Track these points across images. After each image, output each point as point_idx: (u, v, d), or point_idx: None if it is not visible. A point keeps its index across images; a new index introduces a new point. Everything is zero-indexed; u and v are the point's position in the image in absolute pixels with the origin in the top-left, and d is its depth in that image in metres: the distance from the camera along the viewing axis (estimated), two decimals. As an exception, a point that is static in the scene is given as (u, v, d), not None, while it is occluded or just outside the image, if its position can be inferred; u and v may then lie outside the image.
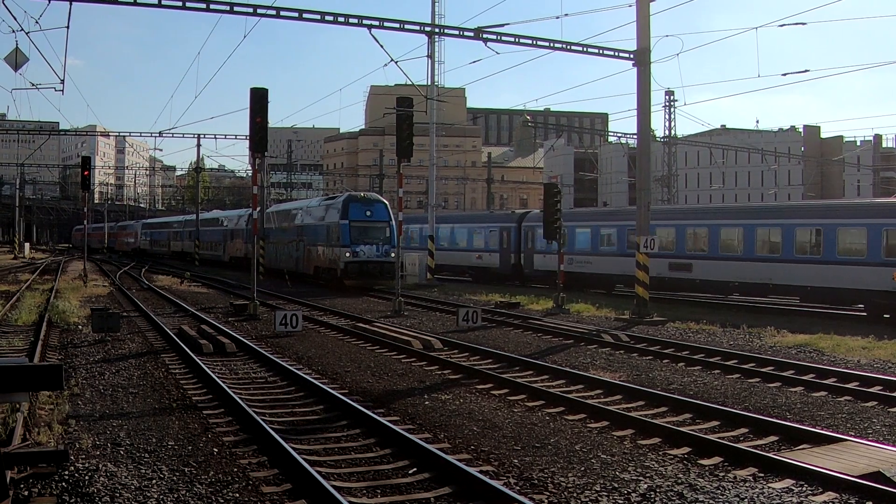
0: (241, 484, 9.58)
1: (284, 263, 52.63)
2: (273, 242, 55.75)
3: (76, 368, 17.51)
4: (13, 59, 26.88)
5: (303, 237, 50.39)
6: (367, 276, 42.87)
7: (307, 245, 49.27)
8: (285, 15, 27.57)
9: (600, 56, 30.52)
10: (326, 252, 45.50)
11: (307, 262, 49.05)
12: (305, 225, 50.40)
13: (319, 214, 48.21)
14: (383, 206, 45.20)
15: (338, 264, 43.51)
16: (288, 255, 53.15)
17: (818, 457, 10.73)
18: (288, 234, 53.76)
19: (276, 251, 55.30)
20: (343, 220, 43.49)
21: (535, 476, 10.05)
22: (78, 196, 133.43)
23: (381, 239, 43.47)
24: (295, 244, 51.87)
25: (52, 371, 7.87)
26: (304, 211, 52.05)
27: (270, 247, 55.45)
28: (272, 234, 56.15)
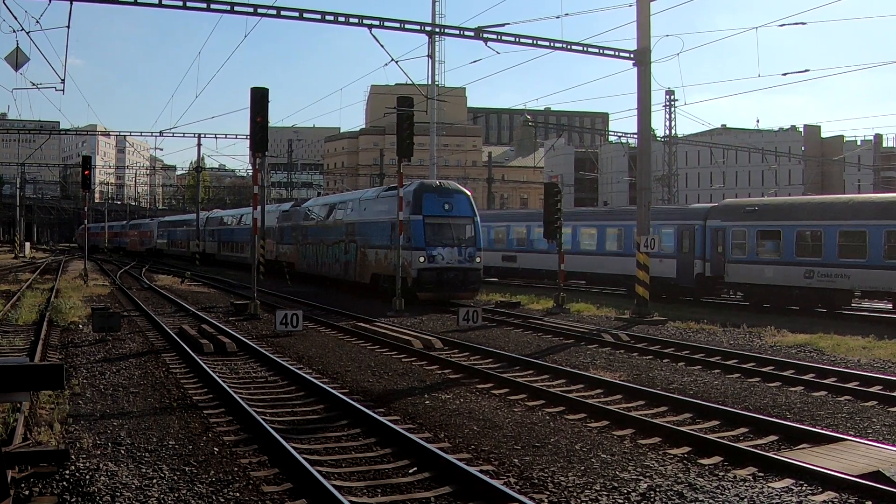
0: (242, 483, 9.59)
1: (327, 269, 44.64)
2: (310, 243, 48.02)
3: (77, 368, 17.52)
4: (14, 58, 26.88)
5: (354, 237, 40.71)
6: (446, 287, 34.50)
7: (361, 247, 39.65)
8: (286, 15, 27.56)
9: (601, 56, 30.52)
10: (391, 256, 35.05)
11: (361, 268, 39.73)
12: (359, 222, 40.49)
13: (379, 208, 38.48)
14: (465, 197, 36.18)
15: (408, 272, 34.24)
16: (332, 259, 43.77)
17: (818, 456, 10.74)
18: (332, 233, 44.18)
19: (316, 254, 46.73)
20: (415, 216, 34.72)
21: (535, 475, 10.06)
22: (79, 195, 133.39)
23: (464, 239, 35.12)
24: (343, 246, 42.32)
25: (53, 370, 7.88)
26: (357, 204, 42.04)
27: (307, 249, 48.56)
28: (310, 233, 48.20)
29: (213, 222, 77.31)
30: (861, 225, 30.65)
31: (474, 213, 35.85)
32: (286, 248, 53.32)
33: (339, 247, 42.72)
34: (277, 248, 54.69)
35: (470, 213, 35.71)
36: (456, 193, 36.09)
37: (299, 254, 49.79)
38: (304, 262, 48.32)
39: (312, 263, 47.36)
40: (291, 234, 52.47)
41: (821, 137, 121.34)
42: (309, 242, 48.26)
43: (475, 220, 35.65)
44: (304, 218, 50.03)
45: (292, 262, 50.67)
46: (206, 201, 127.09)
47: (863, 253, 30.22)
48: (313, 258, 47.28)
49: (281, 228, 54.83)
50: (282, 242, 54.46)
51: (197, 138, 70.57)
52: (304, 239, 48.72)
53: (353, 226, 41.27)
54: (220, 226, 75.06)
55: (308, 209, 50.19)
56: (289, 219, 53.66)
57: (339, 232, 42.87)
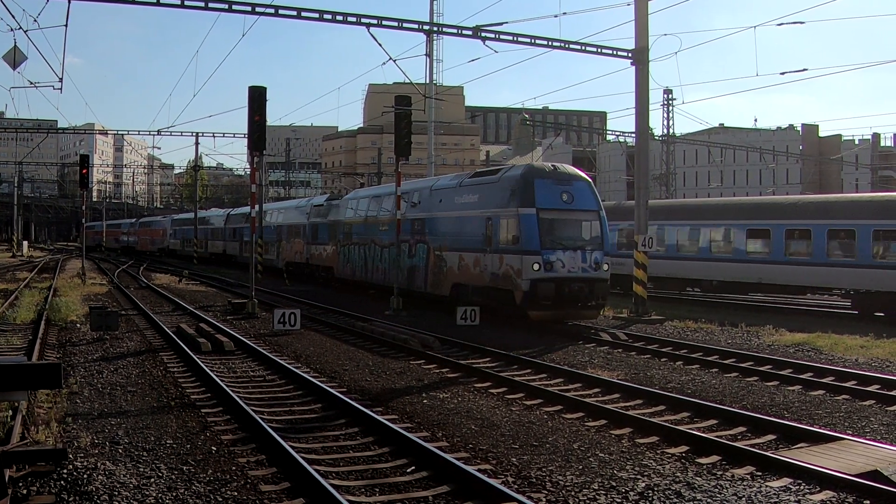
0: (240, 482, 9.59)
1: (380, 276, 36.47)
2: (355, 244, 39.62)
3: (74, 367, 17.51)
4: (11, 57, 26.84)
5: (423, 236, 32.81)
6: (566, 304, 25.82)
7: (436, 249, 31.49)
8: (284, 13, 27.54)
9: (599, 55, 30.50)
10: (489, 263, 27.39)
11: (434, 276, 31.58)
12: (432, 218, 32.48)
13: (465, 199, 30.13)
14: (586, 184, 27.53)
15: (516, 283, 25.93)
16: (389, 263, 34.91)
17: (816, 455, 10.74)
18: (388, 231, 35.05)
19: (364, 258, 38.48)
20: (526, 209, 26.17)
21: (533, 475, 10.06)
22: (76, 194, 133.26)
23: (588, 240, 26.59)
24: (405, 248, 33.71)
25: (51, 369, 7.89)
26: (427, 195, 33.69)
27: (350, 251, 40.15)
28: (355, 231, 39.96)
29: (236, 219, 69.20)
30: None
31: (599, 204, 27.42)
32: (320, 250, 46.08)
33: (404, 249, 33.77)
34: (308, 249, 48.15)
35: (594, 204, 27.20)
36: (576, 180, 27.43)
37: (340, 256, 41.70)
38: (345, 267, 40.61)
39: (359, 268, 39.22)
40: (328, 232, 44.66)
41: (818, 136, 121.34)
42: (354, 243, 39.90)
43: (601, 213, 27.14)
44: (346, 213, 41.76)
45: (329, 265, 44.00)
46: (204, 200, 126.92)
47: None
48: (359, 262, 39.17)
49: (313, 226, 47.49)
50: (314, 242, 47.34)
51: (195, 137, 70.57)
52: (347, 239, 40.46)
53: (420, 222, 33.21)
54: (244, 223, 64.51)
55: (352, 203, 41.62)
56: (324, 214, 45.97)
57: (403, 231, 33.31)
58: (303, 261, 48.70)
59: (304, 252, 48.95)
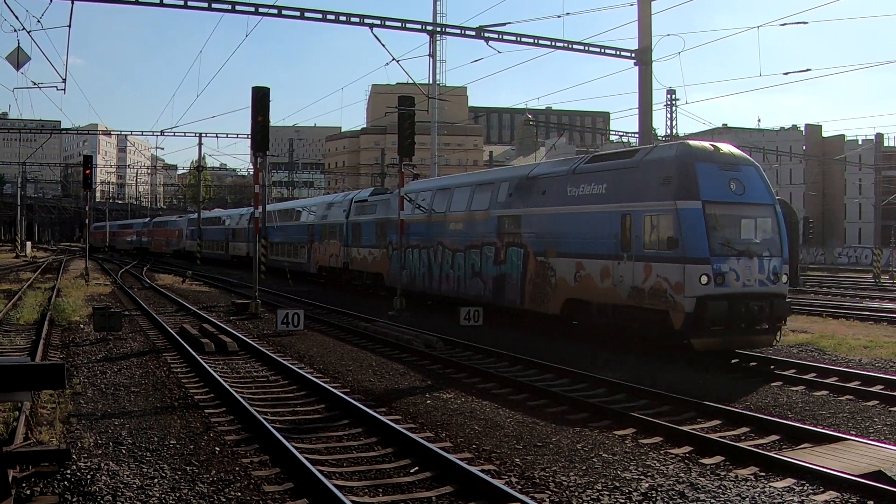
0: (243, 483, 9.59)
1: (454, 286, 30.04)
2: (416, 247, 33.16)
3: (78, 367, 17.52)
4: (15, 57, 26.88)
5: (518, 238, 25.92)
6: (741, 327, 19.73)
7: (541, 255, 24.57)
8: (287, 14, 27.59)
9: (602, 55, 30.55)
10: (626, 273, 21.03)
11: (541, 289, 24.63)
12: (534, 215, 25.35)
13: (587, 189, 23.15)
14: (755, 170, 21.37)
15: (673, 301, 19.54)
16: (465, 271, 29.13)
17: (819, 456, 10.74)
18: (465, 232, 29.32)
19: (429, 263, 32.23)
20: (687, 202, 19.87)
21: (536, 475, 10.05)
22: (80, 195, 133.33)
23: (766, 244, 20.49)
24: (489, 252, 27.44)
25: (55, 370, 7.88)
26: (523, 185, 26.38)
27: (411, 255, 33.49)
28: (415, 231, 33.03)
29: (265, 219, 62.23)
30: None
31: (773, 196, 21.40)
32: (364, 253, 39.21)
33: (481, 253, 28.02)
34: (347, 252, 41.82)
35: (768, 196, 21.12)
36: (744, 164, 21.30)
37: (395, 262, 34.36)
38: (402, 273, 32.85)
39: (419, 276, 32.95)
40: (375, 232, 38.09)
41: (822, 137, 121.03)
42: (414, 246, 33.13)
43: (776, 208, 21.08)
44: (407, 209, 33.49)
45: (376, 271, 37.74)
46: (208, 201, 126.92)
47: None
48: (420, 269, 32.95)
49: (355, 226, 40.94)
50: (356, 244, 40.33)
51: (198, 137, 70.50)
52: (405, 240, 32.90)
53: (513, 220, 26.44)
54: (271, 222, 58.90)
55: (410, 197, 33.74)
56: (368, 211, 39.64)
57: (482, 230, 27.98)
58: (339, 265, 42.81)
59: (341, 255, 42.77)
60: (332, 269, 44.16)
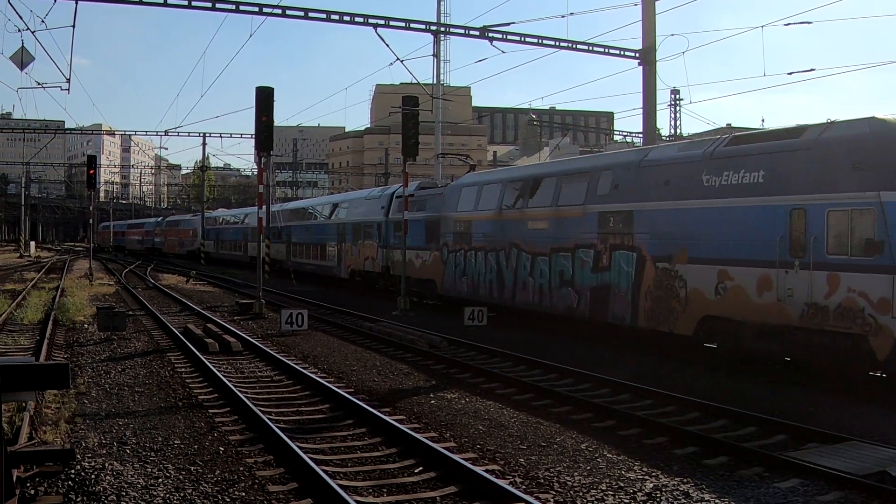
0: (248, 483, 9.59)
1: (536, 298, 25.05)
2: (480, 248, 28.32)
3: (82, 367, 17.54)
4: (19, 57, 26.92)
5: (630, 239, 21.25)
6: None
7: (663, 261, 20.02)
8: (291, 14, 27.61)
9: (606, 55, 30.54)
10: (797, 286, 16.72)
11: (664, 303, 19.98)
12: (652, 211, 20.67)
13: (730, 178, 18.53)
14: None
15: (875, 325, 15.20)
16: (554, 280, 24.06)
17: (824, 456, 10.71)
18: (548, 233, 24.57)
19: (499, 269, 27.03)
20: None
21: (540, 475, 10.04)
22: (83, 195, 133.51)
23: None
24: (594, 256, 22.43)
25: (59, 370, 7.87)
26: (633, 173, 21.55)
27: (471, 260, 28.78)
28: (478, 231, 28.58)
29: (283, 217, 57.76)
30: None
31: None
32: (411, 256, 33.62)
33: (573, 258, 23.07)
34: (385, 254, 36.99)
35: None
36: None
37: (449, 266, 30.42)
38: (459, 281, 29.51)
39: (485, 284, 27.83)
40: (425, 232, 33.14)
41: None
42: (476, 248, 28.44)
43: None
44: (459, 205, 30.12)
45: (426, 277, 32.99)
46: (211, 201, 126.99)
47: None
48: (486, 275, 27.77)
49: (397, 225, 35.40)
50: (399, 246, 34.31)
51: (202, 137, 70.61)
52: (463, 241, 29.25)
53: (622, 217, 21.46)
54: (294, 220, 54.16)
55: (469, 191, 29.65)
56: (416, 207, 34.10)
57: (575, 230, 23.13)
58: (377, 269, 37.82)
59: (379, 258, 37.62)
60: (368, 273, 39.11)
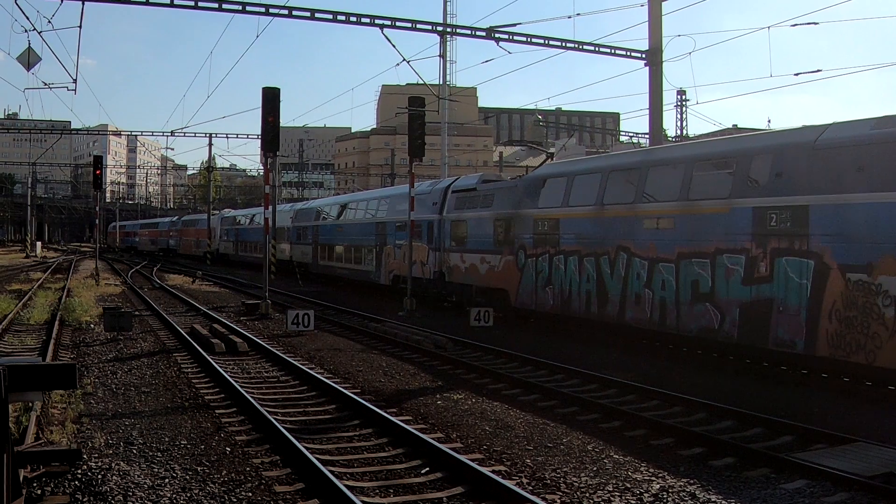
0: (254, 483, 9.59)
1: (655, 315, 20.15)
2: (569, 252, 23.63)
3: (88, 367, 17.57)
4: (26, 58, 26.98)
5: (804, 242, 16.38)
6: None
7: (861, 271, 15.16)
8: (297, 15, 27.63)
9: (612, 55, 30.54)
10: None
11: (860, 325, 15.20)
12: (840, 206, 15.69)
13: None
14: None
15: None
16: (678, 292, 19.47)
17: (831, 458, 10.68)
18: (670, 234, 19.92)
19: (597, 278, 22.36)
20: None
21: (547, 476, 10.04)
22: (89, 195, 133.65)
23: None
24: (746, 263, 17.72)
25: (66, 370, 7.88)
26: (805, 157, 16.54)
27: (558, 266, 24.03)
28: (568, 230, 23.91)
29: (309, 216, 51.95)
30: None
31: None
32: (475, 261, 29.01)
33: (712, 265, 18.54)
34: (439, 258, 32.24)
35: None
36: None
37: (531, 274, 25.29)
38: (542, 292, 24.74)
39: (583, 295, 22.87)
40: (496, 233, 27.83)
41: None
42: (569, 251, 23.51)
43: None
44: (542, 201, 25.08)
45: (500, 286, 27.35)
46: (217, 201, 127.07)
47: None
48: (585, 285, 22.81)
49: (455, 224, 31.14)
50: (459, 249, 30.41)
51: (208, 138, 70.66)
52: (546, 244, 24.49)
53: (790, 214, 16.78)
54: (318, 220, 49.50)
55: (556, 184, 24.68)
56: (481, 203, 29.37)
57: (716, 230, 18.54)
58: (428, 275, 32.99)
59: (430, 263, 32.83)
60: (417, 279, 33.28)
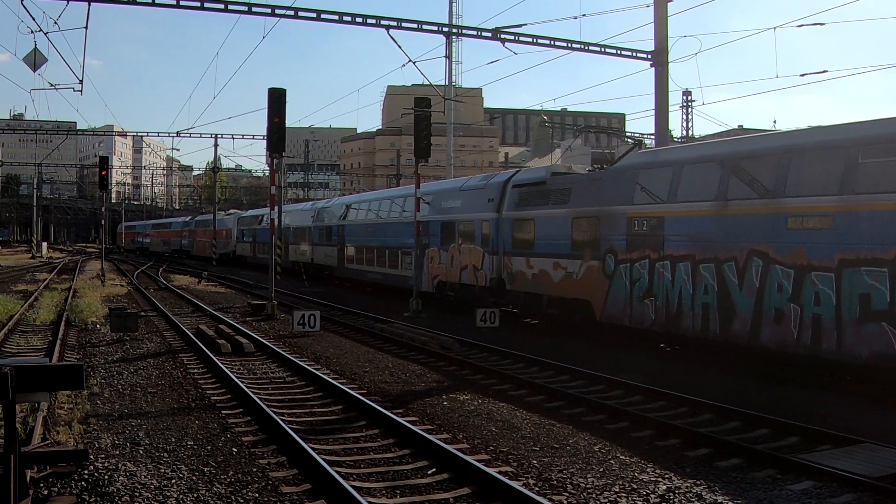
0: (261, 484, 9.60)
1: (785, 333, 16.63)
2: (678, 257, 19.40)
3: (95, 368, 17.58)
4: (32, 59, 27.00)
5: None
6: None
7: None
8: (303, 15, 27.58)
9: (618, 56, 30.46)
10: None
11: None
12: None
13: None
14: None
15: None
16: (841, 308, 15.35)
17: (837, 459, 10.67)
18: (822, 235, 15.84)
19: (723, 288, 18.14)
20: None
21: (554, 477, 10.03)
22: (95, 196, 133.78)
23: None
24: None
25: (74, 371, 7.90)
26: None
27: (659, 273, 19.99)
28: (673, 231, 19.67)
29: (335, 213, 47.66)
30: None
31: None
32: (547, 267, 24.72)
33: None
34: (497, 262, 27.83)
35: None
36: None
37: (623, 283, 21.24)
38: (645, 305, 20.43)
39: (697, 310, 18.89)
40: (574, 234, 23.50)
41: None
42: (678, 256, 19.41)
43: None
44: (642, 196, 20.75)
45: (582, 297, 23.07)
46: (223, 202, 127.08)
47: None
48: (701, 297, 18.79)
49: (518, 223, 26.74)
50: (524, 252, 26.10)
51: (214, 139, 70.69)
52: (653, 247, 20.18)
53: None
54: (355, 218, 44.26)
55: (663, 171, 20.35)
56: (553, 200, 24.87)
57: None
58: (483, 283, 28.74)
59: (486, 268, 28.61)
60: (467, 287, 29.96)
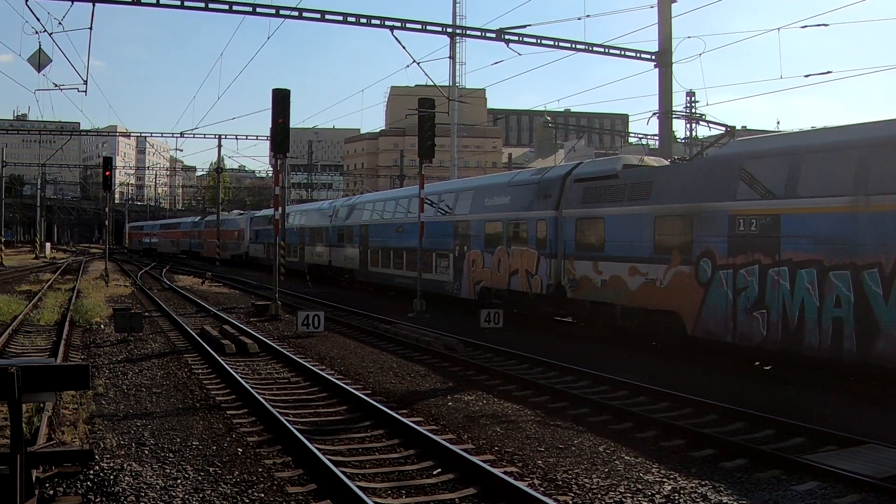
0: (267, 484, 9.60)
1: None
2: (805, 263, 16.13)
3: (99, 368, 17.59)
4: (36, 59, 27.05)
5: None
6: None
7: None
8: (308, 16, 27.65)
9: (622, 57, 30.51)
10: None
11: None
12: None
13: None
14: None
15: None
16: None
17: (842, 459, 10.67)
18: None
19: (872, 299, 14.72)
20: None
21: (559, 477, 10.03)
22: (99, 196, 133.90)
23: None
24: None
25: (79, 371, 7.90)
26: None
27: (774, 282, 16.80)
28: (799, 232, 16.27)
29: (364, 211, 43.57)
30: None
31: None
32: (622, 272, 21.81)
33: None
34: (556, 267, 24.83)
35: None
36: None
37: (723, 292, 18.35)
38: (755, 319, 17.49)
39: (836, 328, 15.61)
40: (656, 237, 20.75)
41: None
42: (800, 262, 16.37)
43: None
44: (746, 191, 17.78)
45: (668, 308, 20.35)
46: (227, 202, 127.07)
47: None
48: (835, 311, 15.62)
49: (585, 223, 23.76)
50: (593, 256, 23.10)
51: (217, 139, 70.64)
52: (764, 251, 17.15)
53: None
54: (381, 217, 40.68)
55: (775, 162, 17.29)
56: (630, 195, 21.87)
57: None
58: (538, 289, 25.70)
59: (541, 273, 25.50)
60: (518, 294, 27.08)
